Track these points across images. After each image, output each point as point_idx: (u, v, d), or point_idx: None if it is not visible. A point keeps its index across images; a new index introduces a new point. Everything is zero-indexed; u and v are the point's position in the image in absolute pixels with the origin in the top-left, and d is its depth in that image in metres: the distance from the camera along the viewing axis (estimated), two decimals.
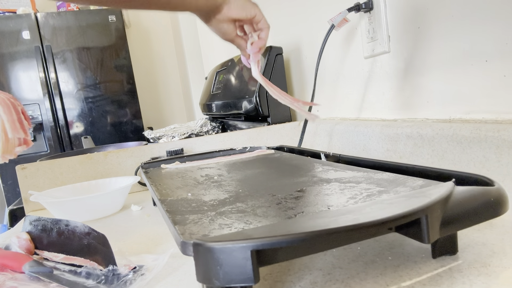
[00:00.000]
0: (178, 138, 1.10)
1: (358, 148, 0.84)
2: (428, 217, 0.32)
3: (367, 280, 0.35)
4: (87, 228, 0.47)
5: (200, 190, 0.55)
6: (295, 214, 0.39)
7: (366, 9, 0.80)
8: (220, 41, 0.68)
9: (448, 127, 0.61)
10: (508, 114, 0.56)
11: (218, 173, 0.67)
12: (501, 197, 0.36)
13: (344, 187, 0.47)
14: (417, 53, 0.71)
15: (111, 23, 2.67)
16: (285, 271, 0.39)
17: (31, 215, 0.55)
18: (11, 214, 1.23)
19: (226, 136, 1.04)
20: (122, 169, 0.96)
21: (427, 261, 0.37)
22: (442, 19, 0.65)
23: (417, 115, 0.74)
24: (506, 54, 0.55)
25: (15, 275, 0.46)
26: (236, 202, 0.46)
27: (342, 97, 0.98)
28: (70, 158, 0.93)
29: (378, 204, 0.37)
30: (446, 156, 0.61)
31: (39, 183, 0.91)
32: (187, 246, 0.31)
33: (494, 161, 0.53)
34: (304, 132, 0.98)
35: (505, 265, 0.35)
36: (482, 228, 0.43)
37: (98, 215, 0.75)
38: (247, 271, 0.28)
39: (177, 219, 0.41)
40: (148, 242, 0.56)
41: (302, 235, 0.29)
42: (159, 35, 3.29)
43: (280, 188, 0.50)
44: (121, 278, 0.42)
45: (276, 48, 1.17)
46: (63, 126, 2.63)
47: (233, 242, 0.29)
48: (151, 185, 0.62)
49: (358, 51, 0.88)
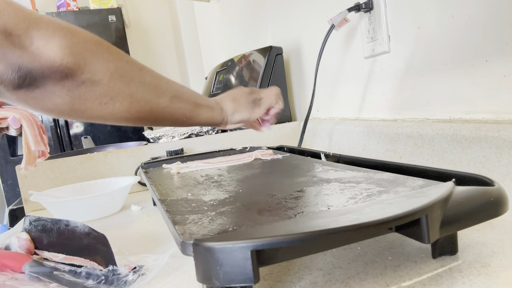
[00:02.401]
0: (178, 138, 1.10)
1: (358, 148, 0.84)
2: (428, 217, 0.32)
3: (367, 280, 0.35)
4: (87, 228, 0.47)
5: (200, 190, 0.55)
6: (295, 214, 0.39)
7: (366, 9, 0.80)
8: (220, 41, 0.68)
9: (448, 127, 0.61)
10: (508, 114, 0.56)
11: (218, 173, 0.67)
12: (501, 197, 0.36)
13: (344, 187, 0.47)
14: (417, 53, 0.71)
15: (111, 23, 2.67)
16: (285, 271, 0.39)
17: (31, 215, 0.55)
18: (11, 214, 1.23)
19: (226, 136, 1.04)
20: (122, 169, 0.96)
21: (427, 261, 0.37)
22: (442, 19, 0.65)
23: (417, 115, 0.74)
24: (506, 54, 0.55)
25: (15, 275, 0.46)
26: (236, 202, 0.46)
27: (342, 97, 0.98)
28: (70, 158, 0.93)
29: (378, 204, 0.37)
30: (446, 156, 0.61)
31: (39, 183, 0.91)
32: (187, 246, 0.31)
33: (494, 161, 0.53)
34: (304, 132, 0.98)
35: (505, 265, 0.35)
36: (482, 228, 0.43)
37: (98, 215, 0.75)
38: (247, 271, 0.28)
39: (177, 219, 0.41)
40: (148, 242, 0.56)
41: (302, 235, 0.29)
42: (159, 35, 3.29)
43: (280, 188, 0.50)
44: (121, 278, 0.42)
45: (276, 48, 1.17)
46: (63, 126, 2.64)
47: (233, 242, 0.29)
48: (151, 185, 0.62)
49: (358, 51, 0.88)
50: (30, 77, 0.37)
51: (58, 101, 0.40)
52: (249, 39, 1.59)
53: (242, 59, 1.31)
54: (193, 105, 0.54)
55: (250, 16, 1.55)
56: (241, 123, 0.63)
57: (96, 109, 0.43)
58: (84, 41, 0.40)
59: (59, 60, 0.37)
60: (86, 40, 0.40)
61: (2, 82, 0.36)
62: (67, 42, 0.38)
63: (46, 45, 0.37)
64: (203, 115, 0.56)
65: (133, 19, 3.22)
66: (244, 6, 1.59)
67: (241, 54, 1.34)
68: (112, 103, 0.43)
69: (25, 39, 0.36)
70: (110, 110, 0.43)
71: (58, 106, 0.40)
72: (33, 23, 0.37)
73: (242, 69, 1.29)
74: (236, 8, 1.69)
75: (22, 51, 0.36)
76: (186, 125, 0.56)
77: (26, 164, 0.53)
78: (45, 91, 0.39)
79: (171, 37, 3.30)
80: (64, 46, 0.38)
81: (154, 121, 0.50)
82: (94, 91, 0.41)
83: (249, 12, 1.54)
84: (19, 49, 0.36)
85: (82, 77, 0.40)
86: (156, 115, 0.49)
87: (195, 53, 2.70)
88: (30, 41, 0.36)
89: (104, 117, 0.44)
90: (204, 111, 0.56)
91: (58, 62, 0.37)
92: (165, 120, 0.51)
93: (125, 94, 0.44)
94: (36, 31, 0.36)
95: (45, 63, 0.37)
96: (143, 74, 0.47)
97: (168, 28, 3.31)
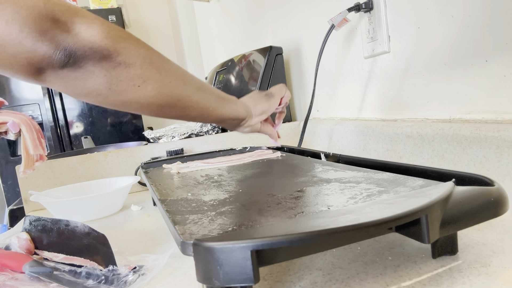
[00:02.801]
0: (178, 138, 1.10)
1: (358, 148, 0.84)
2: (428, 217, 0.32)
3: (367, 280, 0.35)
4: (87, 228, 0.47)
5: (200, 190, 0.55)
6: (295, 214, 0.39)
7: (366, 9, 0.80)
8: (220, 42, 0.68)
9: (448, 127, 0.61)
10: (508, 114, 0.56)
11: (218, 173, 0.67)
12: (501, 197, 0.36)
13: (344, 187, 0.47)
14: (417, 53, 0.71)
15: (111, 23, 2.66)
16: (285, 271, 0.39)
17: (31, 215, 0.55)
18: (11, 214, 1.23)
19: (226, 136, 1.04)
20: (122, 169, 0.96)
21: (427, 261, 0.37)
22: (442, 19, 0.65)
23: (417, 115, 0.74)
24: (506, 54, 0.55)
25: (15, 275, 0.46)
26: (236, 202, 0.46)
27: (342, 97, 0.98)
28: (70, 158, 0.93)
29: (378, 204, 0.37)
30: (446, 156, 0.61)
31: (39, 183, 0.91)
32: (187, 246, 0.31)
33: (494, 161, 0.53)
34: (304, 132, 0.98)
35: (505, 265, 0.35)
36: (482, 228, 0.43)
37: (98, 215, 0.75)
38: (247, 271, 0.28)
39: (177, 219, 0.41)
40: (148, 242, 0.56)
41: (302, 235, 0.29)
42: (159, 35, 3.29)
43: (280, 188, 0.50)
44: (121, 278, 0.42)
45: (276, 48, 1.17)
46: (63, 126, 2.64)
47: (233, 242, 0.29)
48: (151, 185, 0.62)
49: (358, 51, 0.88)
50: (74, 57, 0.42)
51: (97, 81, 0.45)
52: (249, 39, 1.59)
53: (242, 59, 1.31)
54: (217, 97, 0.58)
55: (250, 16, 1.55)
56: (263, 114, 0.67)
57: (130, 91, 0.47)
58: (117, 30, 0.46)
59: (98, 41, 0.43)
60: (119, 29, 0.46)
61: (51, 61, 0.41)
62: (104, 29, 0.44)
63: (87, 29, 0.42)
64: (227, 106, 0.60)
65: (133, 19, 3.22)
66: (244, 6, 1.59)
67: (241, 54, 1.34)
68: (144, 85, 0.47)
69: (70, 24, 0.42)
70: (143, 92, 0.48)
71: (96, 86, 0.45)
72: (76, 11, 0.43)
73: (242, 69, 1.29)
74: (236, 8, 1.69)
75: (68, 34, 0.41)
76: (213, 119, 0.59)
77: (25, 167, 0.54)
78: (86, 71, 0.44)
79: (171, 37, 3.30)
80: (102, 31, 0.43)
81: (183, 110, 0.53)
82: (128, 72, 0.46)
83: (249, 12, 1.54)
84: (65, 32, 0.41)
85: (118, 59, 0.45)
86: (185, 102, 0.53)
87: (195, 53, 2.70)
88: (74, 26, 0.42)
89: (138, 100, 0.48)
90: (228, 103, 0.60)
91: (98, 43, 0.43)
92: (193, 109, 0.55)
93: (156, 78, 0.48)
94: (79, 18, 0.42)
95: (87, 44, 0.42)
96: (170, 64, 0.51)
97: (168, 28, 3.31)
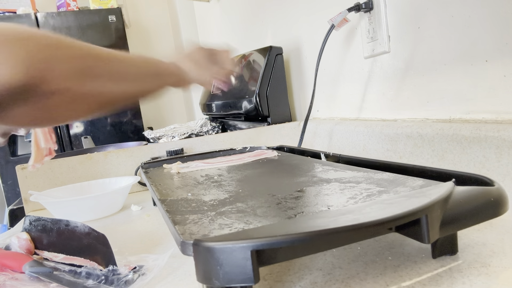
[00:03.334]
0: (178, 138, 1.10)
1: (358, 148, 0.84)
2: (428, 217, 0.32)
3: (367, 280, 0.35)
4: (87, 228, 0.47)
5: (200, 190, 0.55)
6: (295, 214, 0.39)
7: (366, 9, 0.80)
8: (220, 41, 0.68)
9: (448, 127, 0.61)
10: (508, 114, 0.56)
11: (218, 173, 0.67)
12: (501, 197, 0.36)
13: (344, 187, 0.47)
14: (417, 53, 0.71)
15: (111, 23, 2.67)
16: (285, 271, 0.39)
17: (31, 215, 0.55)
18: (11, 214, 1.23)
19: (226, 136, 1.04)
20: (122, 169, 0.96)
21: (427, 261, 0.37)
22: (442, 19, 0.65)
23: (417, 115, 0.74)
24: (506, 54, 0.55)
25: (15, 275, 0.46)
26: (236, 202, 0.46)
27: (342, 97, 0.98)
28: (70, 158, 0.93)
29: (378, 204, 0.37)
30: (446, 156, 0.61)
31: (39, 183, 0.91)
32: (187, 246, 0.31)
33: (494, 161, 0.53)
34: (304, 132, 0.98)
35: (505, 265, 0.35)
36: (482, 228, 0.43)
37: (98, 215, 0.75)
38: (247, 271, 0.28)
39: (177, 219, 0.41)
40: (148, 242, 0.56)
41: (302, 235, 0.29)
42: (159, 35, 3.29)
43: (280, 188, 0.50)
44: (121, 278, 0.42)
45: (276, 48, 1.17)
46: (63, 126, 2.63)
47: (233, 242, 0.29)
48: (151, 185, 0.62)
49: (358, 51, 0.88)
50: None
51: (32, 116, 0.36)
52: (249, 39, 1.59)
53: (242, 59, 1.31)
54: (158, 79, 0.53)
55: (250, 16, 1.55)
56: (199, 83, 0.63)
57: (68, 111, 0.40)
58: (37, 50, 0.34)
59: (11, 79, 0.31)
60: (40, 48, 0.34)
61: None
62: (17, 56, 0.31)
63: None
64: (168, 82, 0.56)
65: (133, 19, 3.22)
66: (244, 6, 1.59)
67: (241, 54, 1.34)
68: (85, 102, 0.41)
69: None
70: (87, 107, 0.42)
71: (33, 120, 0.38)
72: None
73: (242, 69, 1.29)
74: (236, 8, 1.69)
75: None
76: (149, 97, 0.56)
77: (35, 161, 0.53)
78: (13, 111, 0.34)
79: (171, 37, 3.29)
80: (14, 62, 0.31)
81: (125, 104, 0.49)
82: (63, 98, 0.37)
83: (249, 12, 1.54)
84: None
85: (45, 90, 0.34)
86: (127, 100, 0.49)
87: None
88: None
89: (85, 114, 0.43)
90: (168, 78, 0.57)
91: (10, 81, 0.31)
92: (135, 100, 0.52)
93: (96, 91, 0.41)
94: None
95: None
96: (110, 65, 0.43)
97: (168, 28, 3.30)
